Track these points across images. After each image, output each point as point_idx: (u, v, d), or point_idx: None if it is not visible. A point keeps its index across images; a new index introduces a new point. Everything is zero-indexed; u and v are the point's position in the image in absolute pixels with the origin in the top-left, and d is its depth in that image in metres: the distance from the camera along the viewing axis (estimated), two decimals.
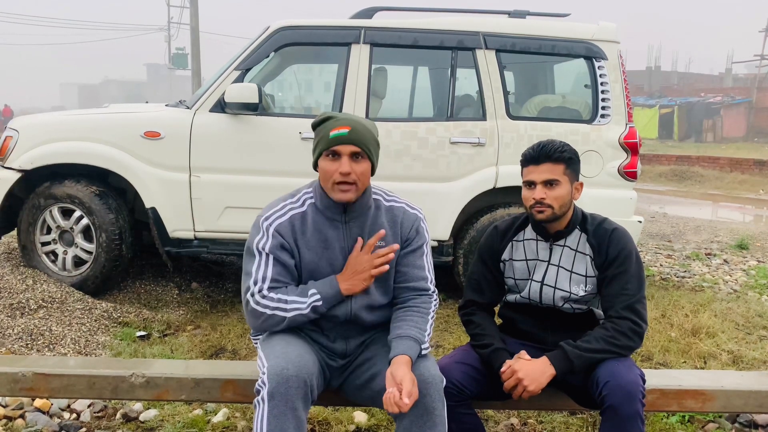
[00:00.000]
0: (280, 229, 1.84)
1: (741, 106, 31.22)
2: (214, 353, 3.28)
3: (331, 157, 1.80)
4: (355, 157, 1.79)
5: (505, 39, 3.96)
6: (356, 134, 1.78)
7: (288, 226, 1.85)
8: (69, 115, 4.16)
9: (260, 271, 1.82)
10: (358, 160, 1.80)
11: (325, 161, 1.81)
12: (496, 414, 2.62)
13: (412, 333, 1.81)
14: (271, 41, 3.86)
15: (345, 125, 1.79)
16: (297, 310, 1.81)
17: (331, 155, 1.80)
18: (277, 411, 1.64)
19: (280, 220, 1.86)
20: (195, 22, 20.30)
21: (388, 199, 1.95)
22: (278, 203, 1.90)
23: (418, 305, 1.90)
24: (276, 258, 1.83)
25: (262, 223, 1.86)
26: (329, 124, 1.81)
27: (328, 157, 1.80)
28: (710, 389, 2.10)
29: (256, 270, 1.83)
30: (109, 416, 2.57)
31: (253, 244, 1.85)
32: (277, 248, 1.83)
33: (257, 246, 1.84)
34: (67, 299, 3.65)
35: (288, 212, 1.87)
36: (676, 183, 14.14)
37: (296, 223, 1.86)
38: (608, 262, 1.95)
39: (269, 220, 1.86)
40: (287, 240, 1.84)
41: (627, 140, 3.98)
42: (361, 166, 1.80)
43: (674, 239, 7.06)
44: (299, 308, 1.81)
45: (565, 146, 1.96)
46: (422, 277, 1.92)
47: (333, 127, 1.79)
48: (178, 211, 3.83)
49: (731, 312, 4.04)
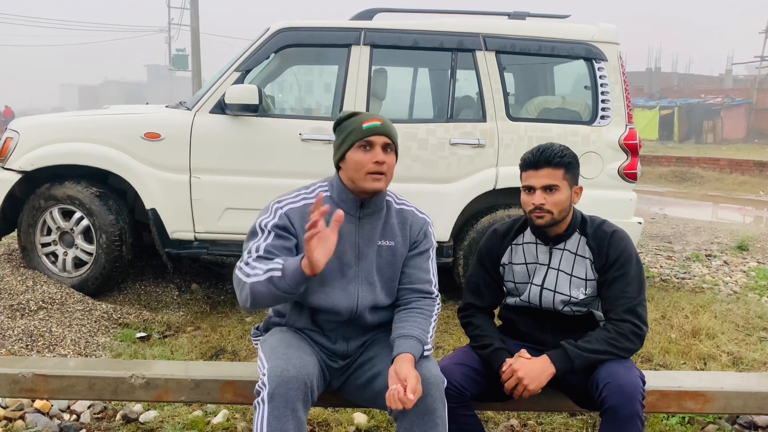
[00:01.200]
0: (290, 213, 1.84)
1: (741, 107, 31.24)
2: (214, 354, 3.28)
3: (364, 148, 1.83)
4: (386, 149, 1.84)
5: (505, 40, 3.97)
6: (388, 127, 1.85)
7: (300, 211, 1.85)
8: (69, 117, 4.17)
9: (256, 243, 1.80)
10: (388, 152, 1.85)
11: (357, 152, 1.83)
12: (496, 415, 2.62)
13: (416, 333, 1.81)
14: (272, 43, 3.87)
15: (377, 118, 1.85)
16: (255, 276, 1.70)
17: (365, 146, 1.83)
18: (277, 412, 1.64)
19: (293, 205, 1.86)
20: (195, 24, 20.32)
21: (398, 202, 1.98)
22: (292, 192, 1.91)
23: (422, 307, 1.91)
24: (276, 235, 1.82)
25: (272, 206, 1.86)
26: (360, 118, 1.86)
27: (361, 149, 1.83)
28: (710, 390, 2.10)
29: (252, 244, 1.81)
30: (109, 417, 2.57)
31: (257, 223, 1.84)
32: (280, 228, 1.82)
33: (260, 224, 1.84)
34: (67, 300, 3.65)
35: (302, 200, 1.88)
36: (676, 184, 14.14)
37: (309, 212, 1.85)
38: (608, 264, 1.95)
39: (281, 203, 1.86)
40: (294, 224, 1.84)
41: (627, 141, 3.98)
42: (390, 158, 1.85)
43: (674, 240, 7.06)
44: (257, 275, 1.70)
45: (564, 151, 1.95)
46: (427, 280, 1.94)
47: (365, 119, 1.85)
48: (178, 212, 3.84)
49: (731, 313, 4.04)
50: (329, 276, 1.86)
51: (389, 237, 1.92)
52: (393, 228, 1.92)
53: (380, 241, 1.91)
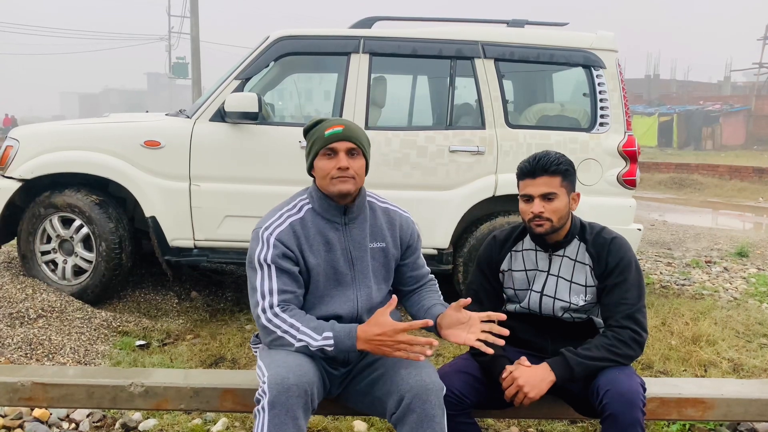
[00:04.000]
0: (281, 238, 1.84)
1: (740, 113, 31.28)
2: (213, 362, 3.27)
3: (329, 156, 1.85)
4: (351, 154, 1.86)
5: (503, 48, 3.98)
6: (350, 131, 1.86)
7: (290, 232, 1.86)
8: (69, 125, 4.18)
9: (265, 284, 1.82)
10: (354, 156, 1.86)
11: (322, 160, 1.86)
12: (496, 423, 2.61)
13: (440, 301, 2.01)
14: (271, 51, 3.88)
15: (339, 124, 1.87)
16: (305, 343, 1.77)
17: (328, 153, 1.85)
18: (277, 420, 1.64)
19: (281, 228, 1.86)
20: (195, 32, 20.38)
21: (381, 202, 2.02)
22: (274, 213, 1.91)
23: (430, 287, 2.09)
24: (279, 268, 1.82)
25: (261, 234, 1.86)
26: (323, 125, 1.88)
27: (325, 156, 1.85)
28: (711, 397, 2.10)
29: (260, 284, 1.82)
30: (108, 426, 2.56)
31: (254, 257, 1.85)
32: (279, 257, 1.83)
33: (258, 258, 1.84)
34: (67, 308, 3.65)
35: (286, 220, 1.88)
36: (676, 191, 14.15)
37: (297, 229, 1.87)
38: (608, 271, 1.95)
39: (269, 230, 1.86)
40: (290, 248, 1.84)
41: (626, 148, 3.99)
42: (357, 162, 1.86)
43: (674, 247, 7.06)
44: (308, 342, 1.77)
45: (560, 158, 1.95)
46: (426, 271, 2.11)
47: (327, 126, 1.86)
48: (177, 220, 3.84)
49: (731, 320, 4.03)
50: (327, 287, 1.88)
51: (379, 238, 1.95)
52: (381, 229, 1.96)
53: (371, 243, 1.93)
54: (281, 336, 1.79)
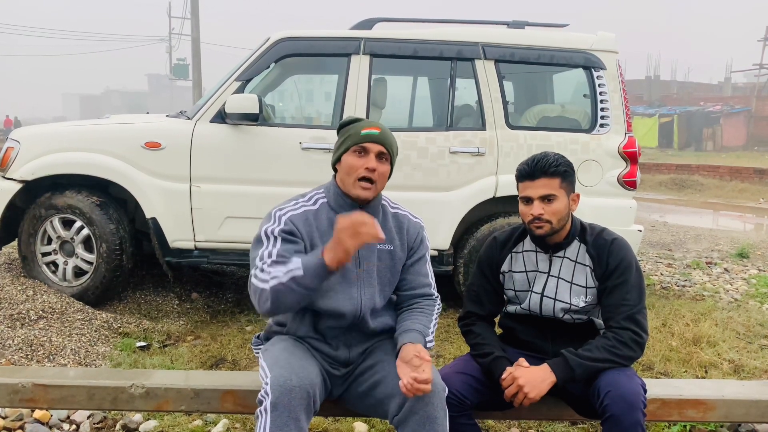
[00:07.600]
0: (293, 219, 1.86)
1: (740, 114, 31.29)
2: (214, 364, 3.28)
3: (359, 154, 1.86)
4: (380, 157, 1.87)
5: (504, 49, 3.99)
6: (385, 137, 1.88)
7: (303, 217, 1.88)
8: (70, 126, 4.18)
9: (266, 250, 1.80)
10: (383, 161, 1.88)
11: (351, 156, 1.86)
12: (497, 424, 2.61)
13: (417, 327, 1.87)
14: (272, 52, 3.89)
15: (376, 126, 1.89)
16: (275, 279, 1.70)
17: (359, 152, 1.86)
18: (279, 422, 1.64)
19: (295, 212, 1.88)
20: (196, 33, 20.40)
21: (392, 206, 2.02)
22: (289, 201, 1.93)
23: (422, 306, 1.98)
24: (285, 239, 1.83)
25: (274, 213, 1.88)
26: (360, 124, 1.90)
27: (356, 153, 1.86)
28: (711, 399, 2.10)
29: (262, 251, 1.80)
30: (109, 427, 2.56)
31: (261, 231, 1.85)
32: (286, 232, 1.83)
33: (266, 231, 1.84)
34: (68, 310, 3.65)
35: (301, 207, 1.90)
36: (676, 192, 14.15)
37: (310, 217, 1.89)
38: (608, 272, 1.95)
39: (283, 211, 1.88)
40: (300, 230, 1.86)
41: (626, 149, 3.99)
42: (383, 166, 1.88)
43: (675, 248, 7.06)
44: (277, 278, 1.70)
45: (559, 159, 1.95)
46: (426, 284, 2.01)
47: (365, 126, 1.88)
48: (178, 222, 3.84)
49: (732, 321, 4.03)
50: (332, 281, 1.87)
51: (387, 241, 1.95)
52: (390, 232, 1.96)
53: (379, 245, 1.93)
54: (262, 289, 1.73)
